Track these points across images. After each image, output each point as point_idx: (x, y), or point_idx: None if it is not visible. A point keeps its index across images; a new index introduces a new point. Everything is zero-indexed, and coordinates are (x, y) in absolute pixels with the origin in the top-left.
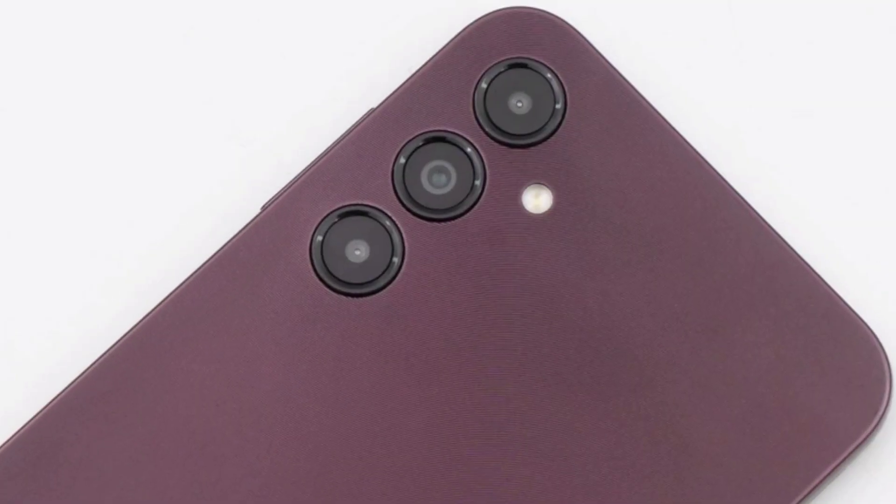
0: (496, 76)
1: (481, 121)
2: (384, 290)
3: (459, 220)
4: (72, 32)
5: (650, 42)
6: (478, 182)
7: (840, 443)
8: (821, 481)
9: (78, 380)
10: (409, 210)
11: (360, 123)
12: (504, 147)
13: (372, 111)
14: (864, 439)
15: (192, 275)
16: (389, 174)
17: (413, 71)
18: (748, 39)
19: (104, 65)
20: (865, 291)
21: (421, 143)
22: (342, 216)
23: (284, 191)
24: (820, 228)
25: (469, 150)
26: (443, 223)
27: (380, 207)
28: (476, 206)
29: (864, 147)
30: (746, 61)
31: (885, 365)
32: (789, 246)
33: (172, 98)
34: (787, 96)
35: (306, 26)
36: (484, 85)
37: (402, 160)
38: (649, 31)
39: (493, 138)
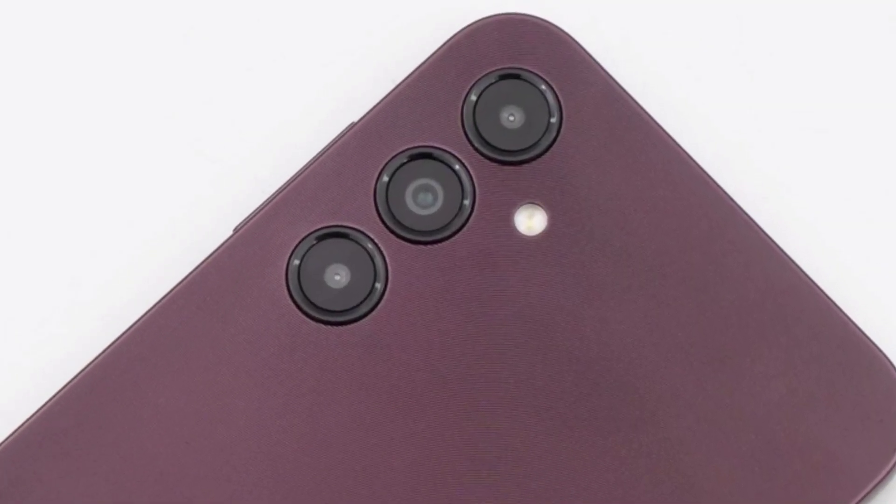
0: (486, 88)
1: (470, 136)
2: (366, 318)
3: (447, 242)
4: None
5: (651, 51)
6: (467, 202)
7: (856, 482)
8: None
9: (36, 414)
10: (392, 232)
11: (339, 139)
12: (495, 164)
13: (353, 125)
14: (883, 478)
15: (158, 302)
16: (372, 193)
17: (397, 82)
18: (757, 48)
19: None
20: (883, 319)
21: (405, 160)
22: (321, 238)
23: (259, 211)
24: (835, 251)
25: (457, 167)
26: (429, 246)
27: (361, 229)
28: (465, 228)
29: (882, 163)
30: (755, 71)
31: None
32: (802, 270)
33: (133, 116)
34: (799, 108)
35: (281, 36)
36: (473, 97)
37: (386, 178)
38: (650, 39)
39: (483, 155)
